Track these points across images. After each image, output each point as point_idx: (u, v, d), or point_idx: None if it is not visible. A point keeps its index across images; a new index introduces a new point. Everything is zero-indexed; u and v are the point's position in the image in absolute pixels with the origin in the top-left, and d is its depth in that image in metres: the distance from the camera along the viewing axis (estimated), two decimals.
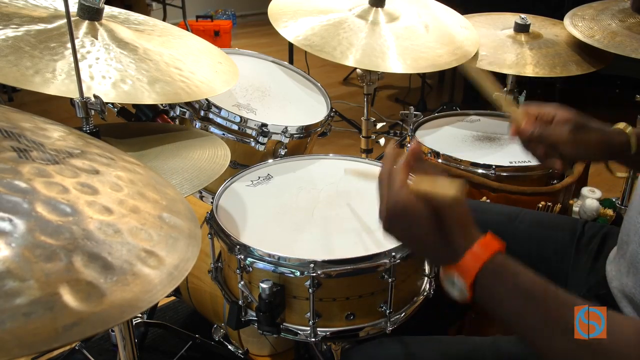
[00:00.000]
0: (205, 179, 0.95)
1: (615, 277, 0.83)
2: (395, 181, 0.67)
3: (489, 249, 0.63)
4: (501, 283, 0.63)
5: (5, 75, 0.87)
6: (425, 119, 1.64)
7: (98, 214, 0.46)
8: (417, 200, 0.65)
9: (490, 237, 0.65)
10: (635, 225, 0.78)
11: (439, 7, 1.77)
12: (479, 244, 0.63)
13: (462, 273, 0.63)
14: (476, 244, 0.63)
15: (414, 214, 0.64)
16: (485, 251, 0.63)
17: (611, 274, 0.85)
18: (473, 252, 0.63)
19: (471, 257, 0.63)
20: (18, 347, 0.35)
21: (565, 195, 1.39)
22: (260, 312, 0.90)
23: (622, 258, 0.82)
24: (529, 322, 0.61)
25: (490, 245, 0.64)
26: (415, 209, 0.64)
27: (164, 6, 4.74)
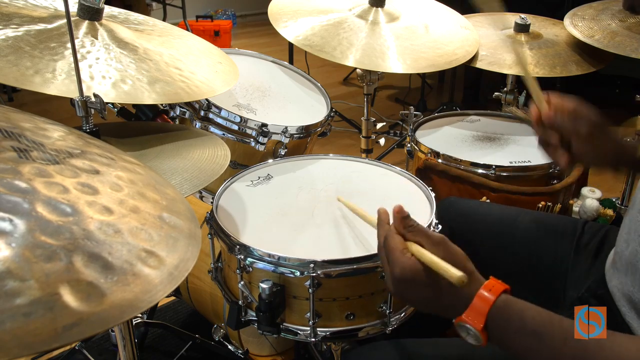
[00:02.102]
0: (205, 179, 0.95)
1: (614, 275, 0.83)
2: (395, 248, 0.70)
3: (493, 294, 0.65)
4: (509, 324, 0.65)
5: (5, 75, 0.87)
6: (425, 119, 1.64)
7: (98, 214, 0.46)
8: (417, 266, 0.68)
9: (493, 281, 0.67)
10: (636, 224, 0.78)
11: (439, 7, 1.77)
12: (482, 291, 0.66)
13: (472, 321, 0.65)
14: (479, 291, 0.66)
15: (420, 279, 0.67)
16: (489, 297, 0.65)
17: (610, 272, 0.85)
18: (478, 300, 0.65)
19: (477, 304, 0.65)
20: (18, 347, 0.34)
21: (565, 195, 1.39)
22: (260, 312, 0.90)
23: (621, 257, 0.82)
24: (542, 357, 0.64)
25: (494, 289, 0.66)
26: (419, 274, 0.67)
27: (164, 6, 4.74)
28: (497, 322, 0.65)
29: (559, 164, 0.91)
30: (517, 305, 0.66)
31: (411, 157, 1.53)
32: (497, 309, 0.65)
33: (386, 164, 1.21)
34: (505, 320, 0.65)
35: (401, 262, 0.69)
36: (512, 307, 0.65)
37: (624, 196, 1.85)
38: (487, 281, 0.67)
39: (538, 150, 0.96)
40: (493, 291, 0.66)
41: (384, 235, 0.73)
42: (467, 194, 1.35)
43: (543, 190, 1.34)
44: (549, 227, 1.05)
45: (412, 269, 0.68)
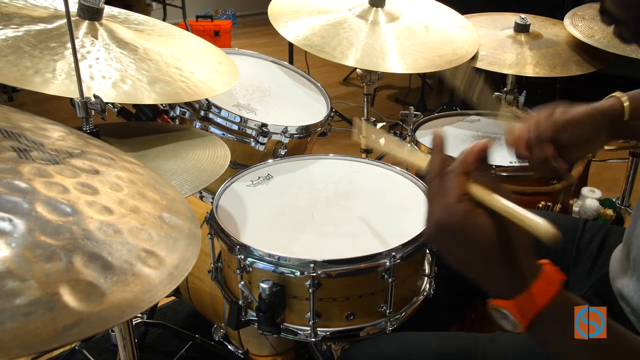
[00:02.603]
0: (205, 180, 0.95)
1: (617, 275, 0.83)
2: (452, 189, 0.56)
3: (552, 286, 0.55)
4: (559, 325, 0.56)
5: (5, 75, 0.87)
6: (425, 119, 1.64)
7: (98, 214, 0.46)
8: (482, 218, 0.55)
9: (552, 270, 0.56)
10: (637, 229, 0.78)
11: (439, 7, 1.77)
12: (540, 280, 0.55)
13: (519, 312, 0.55)
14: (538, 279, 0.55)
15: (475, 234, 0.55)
16: (547, 290, 0.55)
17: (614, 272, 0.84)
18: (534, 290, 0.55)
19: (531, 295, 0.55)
20: (18, 347, 0.34)
21: (565, 195, 1.39)
22: (260, 312, 0.90)
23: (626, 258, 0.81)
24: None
25: (552, 281, 0.55)
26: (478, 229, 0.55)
27: (164, 6, 4.74)
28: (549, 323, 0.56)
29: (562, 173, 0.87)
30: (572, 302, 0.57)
31: None
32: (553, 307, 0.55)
33: (386, 164, 1.21)
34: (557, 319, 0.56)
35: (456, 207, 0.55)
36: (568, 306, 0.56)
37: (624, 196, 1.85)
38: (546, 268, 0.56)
39: None
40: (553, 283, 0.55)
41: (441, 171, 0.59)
42: None
43: (543, 190, 1.34)
44: None
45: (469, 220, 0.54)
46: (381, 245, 0.93)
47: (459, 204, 0.55)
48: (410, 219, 1.00)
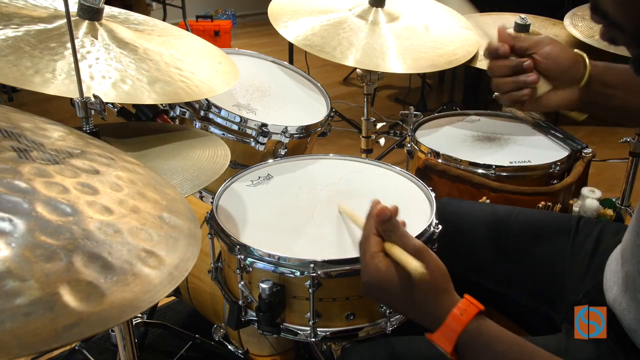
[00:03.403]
0: (206, 179, 0.95)
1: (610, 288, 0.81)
2: (367, 250, 0.69)
3: (465, 317, 0.63)
4: (478, 353, 0.64)
5: (5, 75, 0.87)
6: (425, 119, 1.64)
7: (98, 214, 0.46)
8: (387, 271, 0.66)
9: (466, 303, 0.65)
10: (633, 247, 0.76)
11: (439, 7, 1.77)
12: (453, 315, 0.64)
13: (441, 343, 0.64)
14: (450, 314, 0.64)
15: (386, 286, 0.67)
16: (459, 322, 0.63)
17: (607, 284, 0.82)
18: (447, 324, 0.64)
19: (446, 329, 0.64)
20: (18, 347, 0.34)
21: (565, 195, 1.38)
22: (260, 312, 0.90)
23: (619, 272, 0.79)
24: None
25: (467, 311, 0.64)
26: (386, 281, 0.66)
27: (164, 6, 4.74)
28: (466, 348, 0.63)
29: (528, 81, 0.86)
30: (488, 334, 0.64)
31: (411, 157, 1.53)
32: (467, 335, 0.63)
33: (386, 164, 1.21)
34: (474, 347, 0.64)
35: (369, 265, 0.68)
36: (483, 336, 0.64)
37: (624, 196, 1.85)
38: (461, 301, 0.65)
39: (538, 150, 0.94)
40: (466, 314, 0.64)
41: (365, 234, 0.72)
42: (467, 194, 1.35)
43: (543, 190, 1.34)
44: (543, 225, 1.04)
45: (378, 274, 0.67)
46: None
47: (371, 262, 0.68)
48: (410, 218, 1.00)
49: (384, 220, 0.70)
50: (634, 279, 0.73)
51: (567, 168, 1.42)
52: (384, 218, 0.70)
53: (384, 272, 0.67)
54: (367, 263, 0.69)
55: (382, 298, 0.71)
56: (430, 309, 0.65)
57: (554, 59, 0.86)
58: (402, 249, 0.67)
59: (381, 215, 0.70)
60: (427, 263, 0.66)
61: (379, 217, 0.70)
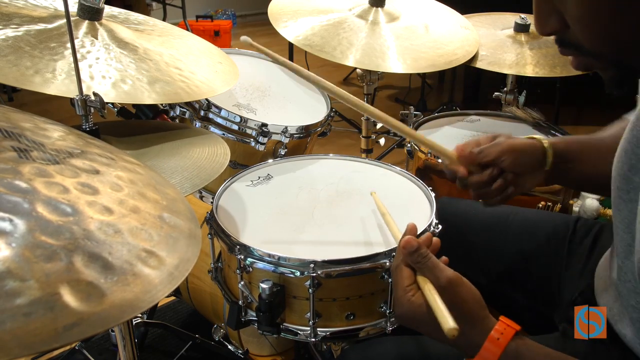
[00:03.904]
0: (205, 178, 0.95)
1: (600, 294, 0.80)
2: (399, 284, 0.69)
3: (504, 339, 0.63)
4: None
5: (5, 75, 0.87)
6: (425, 119, 1.64)
7: (98, 214, 0.46)
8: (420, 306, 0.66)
9: (503, 325, 0.64)
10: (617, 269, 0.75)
11: (439, 7, 1.77)
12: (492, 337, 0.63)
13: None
14: (488, 337, 0.63)
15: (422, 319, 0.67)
16: (499, 345, 0.63)
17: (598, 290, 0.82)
18: (487, 348, 0.63)
19: (484, 354, 0.63)
20: (18, 347, 0.34)
21: (565, 195, 1.38)
22: (260, 312, 0.90)
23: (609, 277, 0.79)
24: None
25: (504, 334, 0.63)
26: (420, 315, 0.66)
27: (164, 6, 4.73)
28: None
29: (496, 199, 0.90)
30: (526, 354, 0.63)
31: (411, 157, 1.53)
32: (506, 357, 0.63)
33: (386, 164, 1.21)
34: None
35: (402, 299, 0.68)
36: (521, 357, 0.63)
37: None
38: (497, 324, 0.65)
39: None
40: (503, 337, 0.63)
41: (396, 263, 0.72)
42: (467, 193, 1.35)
43: (543, 190, 1.34)
44: (541, 225, 1.04)
45: (412, 309, 0.67)
46: (381, 245, 0.93)
47: (404, 297, 0.68)
48: (410, 218, 1.00)
49: (411, 251, 0.69)
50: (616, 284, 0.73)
51: None
52: (410, 250, 0.69)
53: (417, 307, 0.67)
54: (399, 296, 0.69)
55: (417, 328, 0.70)
56: (468, 337, 0.65)
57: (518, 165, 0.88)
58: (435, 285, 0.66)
59: (408, 247, 0.69)
60: (460, 295, 0.66)
61: (405, 250, 0.69)
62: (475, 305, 0.66)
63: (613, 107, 1.69)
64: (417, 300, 0.67)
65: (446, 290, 0.65)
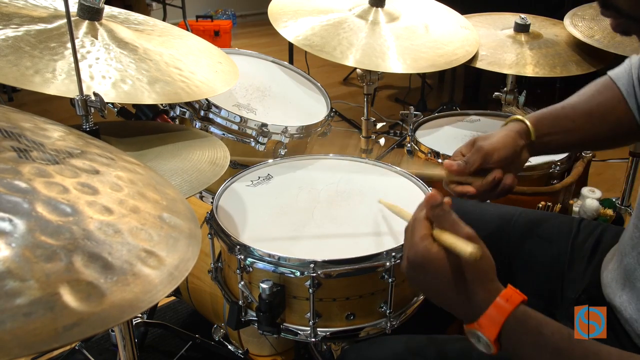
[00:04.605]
0: (205, 181, 0.95)
1: (608, 284, 0.82)
2: (416, 232, 0.68)
3: (510, 304, 0.63)
4: (525, 338, 0.63)
5: (5, 75, 0.87)
6: (425, 119, 1.64)
7: (98, 214, 0.46)
8: (437, 253, 0.66)
9: (511, 291, 0.65)
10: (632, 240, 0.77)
11: (439, 7, 1.77)
12: (499, 300, 0.64)
13: (485, 329, 0.63)
14: (497, 299, 0.64)
15: (433, 268, 0.66)
16: (506, 307, 0.63)
17: (606, 280, 0.84)
18: (494, 309, 0.63)
19: (492, 313, 0.63)
20: (18, 347, 0.34)
21: (565, 195, 1.38)
22: (260, 312, 0.90)
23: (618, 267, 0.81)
24: None
25: (511, 299, 0.64)
26: (434, 263, 0.66)
27: (164, 6, 4.73)
28: (512, 334, 0.63)
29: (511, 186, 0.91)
30: (535, 318, 0.64)
31: (411, 157, 1.53)
32: (514, 320, 0.63)
33: (386, 163, 1.21)
34: (521, 332, 0.63)
35: (418, 245, 0.67)
36: (530, 320, 0.63)
37: (624, 196, 1.85)
38: (505, 290, 0.65)
39: None
40: (511, 301, 0.63)
41: (414, 218, 0.71)
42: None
43: (543, 190, 1.34)
44: (545, 226, 1.04)
45: (427, 256, 0.66)
46: (381, 245, 0.93)
47: (421, 243, 0.67)
48: None
49: (434, 205, 0.68)
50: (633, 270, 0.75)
51: (567, 168, 1.42)
52: (434, 203, 0.68)
53: (434, 254, 0.66)
54: (415, 242, 0.67)
55: (423, 280, 0.69)
56: (476, 295, 0.65)
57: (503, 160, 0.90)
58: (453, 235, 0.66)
59: (432, 201, 0.68)
60: None
61: (429, 203, 0.69)
62: (489, 264, 0.67)
63: None
64: (434, 248, 0.66)
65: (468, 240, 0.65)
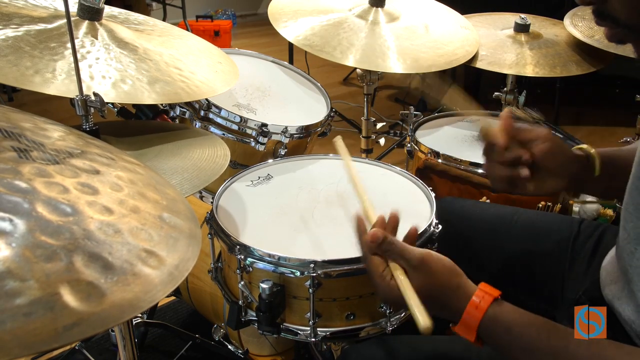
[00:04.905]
0: (205, 179, 0.94)
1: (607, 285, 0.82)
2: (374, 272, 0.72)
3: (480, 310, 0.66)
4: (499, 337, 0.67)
5: (5, 75, 0.87)
6: (425, 119, 1.64)
7: (98, 214, 0.46)
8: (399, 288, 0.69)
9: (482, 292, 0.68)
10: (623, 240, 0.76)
11: (439, 7, 1.77)
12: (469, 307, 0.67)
13: (464, 334, 0.67)
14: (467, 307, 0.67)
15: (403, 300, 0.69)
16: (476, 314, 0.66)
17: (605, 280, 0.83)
18: (466, 315, 0.67)
19: (466, 319, 0.67)
20: (18, 347, 0.34)
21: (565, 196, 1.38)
22: (260, 312, 0.90)
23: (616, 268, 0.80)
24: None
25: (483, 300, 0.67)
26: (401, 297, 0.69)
27: (164, 6, 4.73)
28: (488, 334, 0.66)
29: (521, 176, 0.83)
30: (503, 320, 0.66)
31: (411, 157, 1.53)
32: (487, 322, 0.66)
33: (386, 164, 1.21)
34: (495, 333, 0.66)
35: (381, 286, 0.71)
36: (499, 323, 0.66)
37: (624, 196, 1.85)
38: (477, 291, 0.68)
39: None
40: (482, 302, 0.66)
41: (364, 255, 0.74)
42: (467, 194, 1.35)
43: None
44: (545, 226, 1.04)
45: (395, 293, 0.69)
46: None
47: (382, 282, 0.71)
48: (410, 219, 1.00)
49: (379, 243, 0.71)
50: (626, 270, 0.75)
51: None
52: (378, 241, 0.71)
53: (397, 290, 0.69)
54: (378, 283, 0.71)
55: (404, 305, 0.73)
56: (449, 306, 0.68)
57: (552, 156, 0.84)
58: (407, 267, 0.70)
59: (375, 240, 0.71)
60: (433, 269, 0.69)
61: (374, 243, 0.72)
62: (450, 275, 0.69)
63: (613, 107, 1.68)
64: (395, 284, 0.70)
65: (418, 269, 0.69)
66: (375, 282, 0.72)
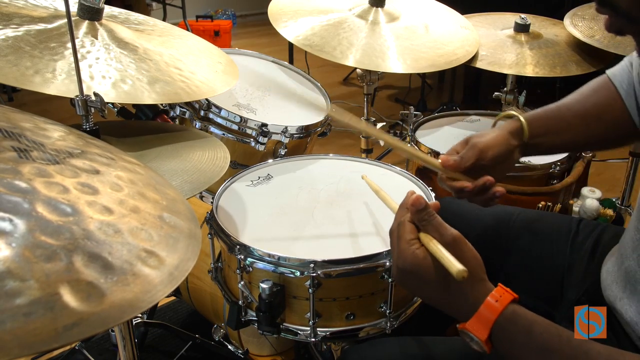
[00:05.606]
0: (205, 182, 0.95)
1: (609, 286, 0.82)
2: (402, 237, 0.68)
3: (500, 304, 0.63)
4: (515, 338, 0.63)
5: (5, 75, 0.87)
6: (425, 119, 1.64)
7: (98, 214, 0.46)
8: (425, 259, 0.66)
9: (502, 290, 0.65)
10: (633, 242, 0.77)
11: (439, 7, 1.77)
12: (489, 300, 0.64)
13: (475, 330, 0.64)
14: (486, 299, 0.64)
15: (423, 273, 0.66)
16: (496, 307, 0.63)
17: (606, 282, 0.83)
18: (484, 309, 0.64)
19: (482, 314, 0.64)
20: (18, 347, 0.34)
21: (565, 195, 1.39)
22: (260, 312, 0.90)
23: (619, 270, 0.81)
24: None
25: (501, 299, 0.64)
26: (423, 268, 0.66)
27: (164, 6, 4.74)
28: (502, 334, 0.63)
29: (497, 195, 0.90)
30: (525, 317, 0.64)
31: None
32: (504, 320, 0.63)
33: (386, 164, 1.21)
34: (511, 332, 0.63)
35: (405, 252, 0.67)
36: (519, 320, 0.64)
37: (624, 196, 1.85)
38: (495, 289, 0.65)
39: None
40: (501, 301, 0.63)
41: (398, 221, 0.71)
42: None
43: (543, 190, 1.34)
44: (544, 226, 1.04)
45: (416, 262, 0.66)
46: (381, 245, 0.93)
47: (408, 249, 0.67)
48: None
49: (419, 209, 0.68)
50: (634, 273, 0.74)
51: (567, 168, 1.42)
52: (419, 207, 0.68)
53: (421, 260, 0.66)
54: (402, 249, 0.67)
55: (414, 285, 0.69)
56: (466, 298, 0.65)
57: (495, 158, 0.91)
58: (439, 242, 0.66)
59: (417, 205, 0.68)
60: (464, 253, 0.66)
61: (414, 207, 0.68)
62: (478, 266, 0.66)
63: None
64: (422, 253, 0.66)
65: (450, 247, 0.65)
66: (401, 248, 0.67)
